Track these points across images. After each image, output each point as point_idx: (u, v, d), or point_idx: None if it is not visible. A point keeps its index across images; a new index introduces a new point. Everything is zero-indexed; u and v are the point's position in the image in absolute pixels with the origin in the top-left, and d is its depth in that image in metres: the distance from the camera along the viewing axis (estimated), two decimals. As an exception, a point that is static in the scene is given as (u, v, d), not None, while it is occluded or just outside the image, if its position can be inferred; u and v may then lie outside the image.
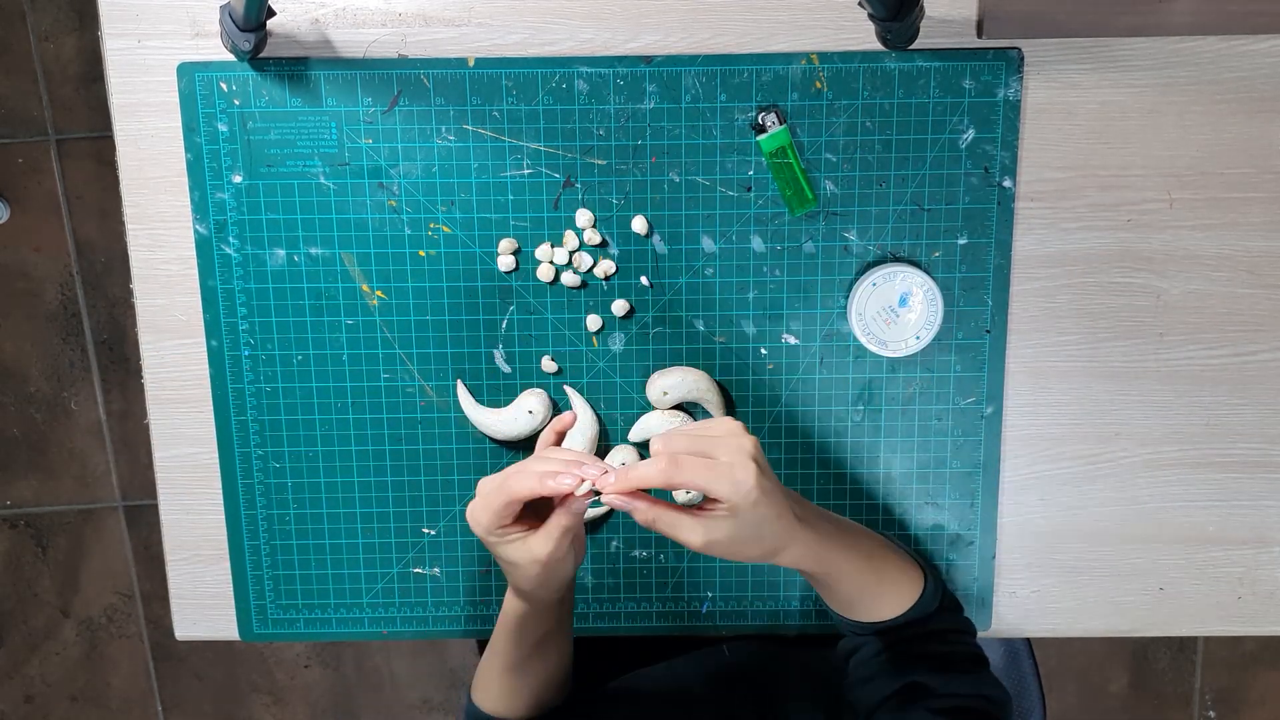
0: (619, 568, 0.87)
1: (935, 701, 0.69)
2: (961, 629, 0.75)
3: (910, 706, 0.69)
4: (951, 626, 0.75)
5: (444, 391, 0.84)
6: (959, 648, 0.74)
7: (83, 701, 1.86)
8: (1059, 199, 0.81)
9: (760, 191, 0.81)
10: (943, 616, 0.75)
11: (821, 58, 0.79)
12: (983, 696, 0.70)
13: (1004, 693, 0.72)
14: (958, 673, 0.71)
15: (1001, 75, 0.79)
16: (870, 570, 0.72)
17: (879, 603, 0.73)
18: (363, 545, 0.87)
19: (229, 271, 0.82)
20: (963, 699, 0.69)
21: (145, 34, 0.79)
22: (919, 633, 0.73)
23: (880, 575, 0.73)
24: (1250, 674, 1.82)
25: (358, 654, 1.83)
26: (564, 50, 0.79)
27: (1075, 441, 0.85)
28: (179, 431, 0.86)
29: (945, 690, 0.69)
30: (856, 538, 0.73)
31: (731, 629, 0.88)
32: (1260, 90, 0.80)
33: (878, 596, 0.73)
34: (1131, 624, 0.89)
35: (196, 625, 0.89)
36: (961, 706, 0.69)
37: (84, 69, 1.69)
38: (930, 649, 0.73)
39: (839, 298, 0.82)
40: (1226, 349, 0.84)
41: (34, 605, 1.82)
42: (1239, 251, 0.82)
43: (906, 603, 0.73)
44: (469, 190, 0.81)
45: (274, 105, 0.80)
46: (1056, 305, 0.83)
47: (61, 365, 1.75)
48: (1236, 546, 0.87)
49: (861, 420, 0.84)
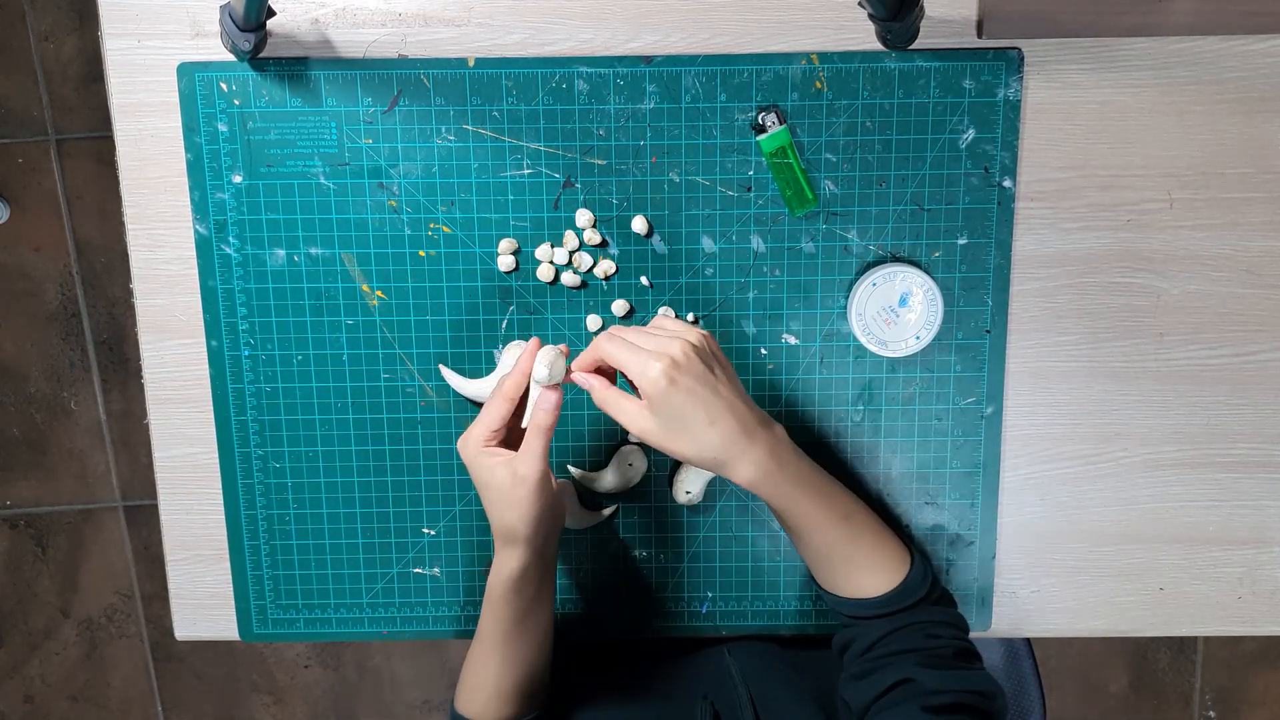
0: (619, 568, 0.87)
1: (927, 699, 0.69)
2: (953, 623, 0.75)
3: (902, 704, 0.69)
4: (943, 620, 0.75)
5: (444, 391, 0.84)
6: (950, 643, 0.74)
7: (83, 701, 1.86)
8: (1059, 199, 0.81)
9: (760, 191, 0.81)
10: (933, 609, 0.75)
11: (821, 58, 0.79)
12: (975, 692, 0.70)
13: (996, 686, 0.72)
14: (949, 668, 0.71)
15: (1001, 75, 0.79)
16: (846, 530, 0.74)
17: (857, 573, 0.74)
18: (363, 545, 0.87)
19: (229, 271, 0.82)
20: (954, 695, 0.69)
21: (145, 34, 0.79)
22: (908, 624, 0.73)
23: (857, 540, 0.74)
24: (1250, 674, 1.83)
25: (358, 654, 1.83)
26: (564, 50, 0.79)
27: (1075, 441, 0.85)
28: (179, 431, 0.86)
29: (937, 687, 0.69)
30: (836, 493, 0.75)
31: (731, 629, 0.88)
32: (1260, 90, 0.80)
33: (855, 565, 0.74)
34: (1131, 624, 0.89)
35: (196, 625, 0.89)
36: (954, 703, 0.69)
37: (84, 69, 1.69)
38: (921, 644, 0.73)
39: (839, 298, 0.82)
40: (1226, 349, 0.84)
41: (34, 605, 1.82)
42: (1239, 251, 0.82)
43: (890, 581, 0.74)
44: (469, 190, 0.81)
45: (274, 105, 0.80)
46: (1056, 305, 0.83)
47: (61, 365, 1.75)
48: (1237, 546, 0.87)
49: (861, 420, 0.84)
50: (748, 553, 0.86)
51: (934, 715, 0.68)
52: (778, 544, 0.86)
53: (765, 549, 0.86)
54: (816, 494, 0.73)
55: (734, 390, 0.69)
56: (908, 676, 0.70)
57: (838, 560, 0.75)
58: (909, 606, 0.74)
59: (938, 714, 0.68)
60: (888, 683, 0.71)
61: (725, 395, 0.68)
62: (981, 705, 0.70)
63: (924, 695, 0.69)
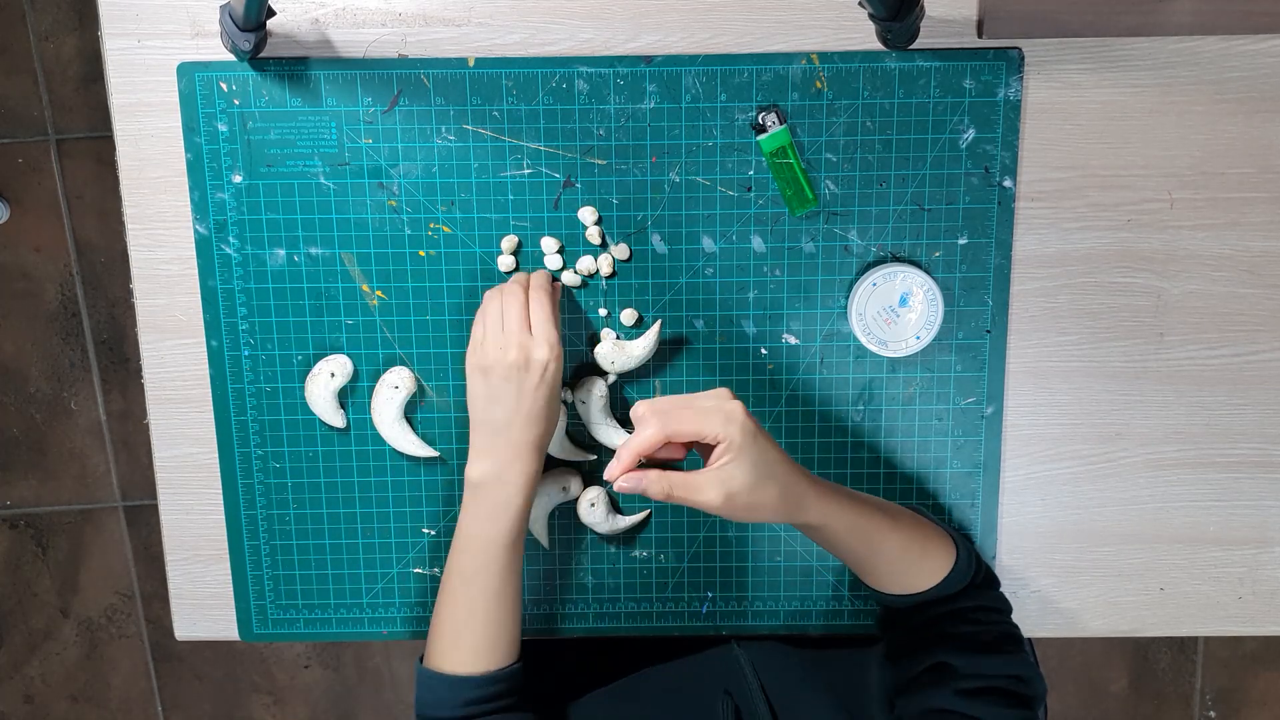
0: (619, 568, 0.87)
1: (962, 683, 0.68)
2: (995, 606, 0.75)
3: (935, 688, 0.69)
4: (984, 604, 0.74)
5: (444, 391, 0.84)
6: (991, 626, 0.73)
7: (83, 701, 1.86)
8: (1059, 199, 0.81)
9: (760, 191, 0.81)
10: (975, 593, 0.74)
11: (821, 58, 0.79)
12: (1013, 677, 0.69)
13: (1034, 671, 0.71)
14: (988, 652, 0.70)
15: (1002, 75, 0.79)
16: (900, 535, 0.72)
17: (913, 570, 0.73)
18: (363, 545, 0.87)
19: (229, 271, 0.82)
20: (990, 679, 0.68)
21: (145, 34, 0.79)
22: (952, 610, 0.73)
23: (909, 540, 0.73)
24: (1251, 674, 1.82)
25: (358, 654, 1.83)
26: (564, 50, 0.79)
27: (1076, 441, 0.85)
28: (179, 431, 0.86)
29: (973, 671, 0.69)
30: (877, 502, 0.73)
31: (731, 629, 0.88)
32: (1260, 90, 0.80)
33: (910, 563, 0.73)
34: (1132, 624, 0.89)
35: (196, 625, 0.89)
36: (989, 687, 0.68)
37: (84, 69, 1.69)
38: (961, 629, 0.72)
39: (839, 298, 0.82)
40: (1227, 349, 0.84)
41: (34, 605, 1.82)
42: (1239, 251, 0.82)
43: (941, 572, 0.73)
44: (469, 190, 0.81)
45: (274, 105, 0.80)
46: (1057, 305, 0.83)
47: (61, 365, 1.75)
48: (1237, 546, 0.87)
49: (862, 420, 0.84)
50: (748, 553, 0.86)
51: (967, 698, 0.67)
52: (778, 544, 0.86)
53: (765, 549, 0.86)
54: (867, 507, 0.71)
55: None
56: (944, 661, 0.70)
57: (898, 567, 0.73)
58: (955, 594, 0.74)
59: (971, 697, 0.67)
60: (927, 664, 0.70)
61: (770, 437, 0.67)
62: (1018, 690, 0.69)
63: (959, 679, 0.68)
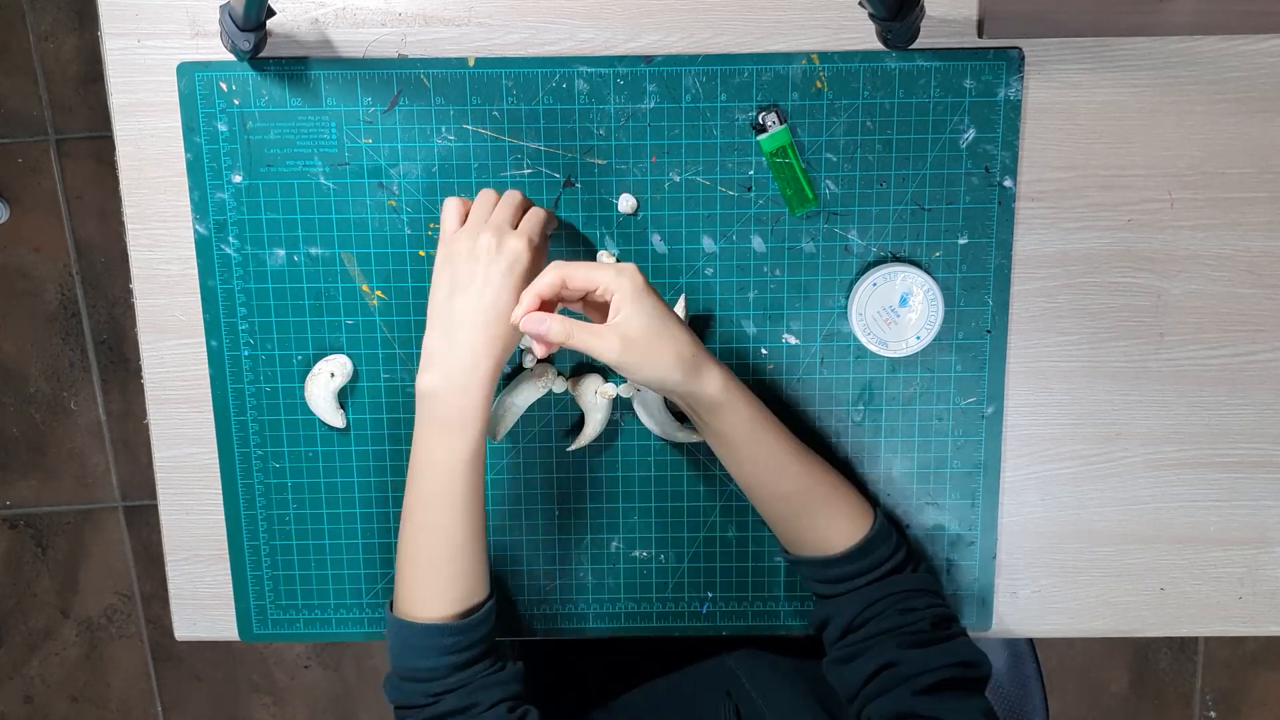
0: (619, 568, 0.87)
1: (914, 681, 0.68)
2: (926, 589, 0.75)
3: (891, 691, 0.69)
4: (915, 588, 0.74)
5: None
6: (927, 613, 0.73)
7: (83, 702, 1.86)
8: (1059, 199, 0.81)
9: (760, 191, 0.81)
10: (903, 578, 0.75)
11: (822, 57, 0.79)
12: (959, 664, 0.70)
13: (978, 654, 0.71)
14: (930, 644, 0.71)
15: (1002, 75, 0.79)
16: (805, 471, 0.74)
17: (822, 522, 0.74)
18: (363, 545, 0.87)
19: (229, 271, 0.82)
20: (939, 672, 0.69)
21: (145, 34, 0.79)
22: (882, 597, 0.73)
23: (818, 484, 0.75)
24: (1251, 674, 1.82)
25: (358, 654, 1.83)
26: (564, 50, 0.79)
27: (1076, 441, 0.85)
28: (179, 431, 0.85)
29: (920, 668, 0.69)
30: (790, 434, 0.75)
31: (731, 629, 0.88)
32: (1260, 90, 0.80)
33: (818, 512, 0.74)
34: (1132, 624, 0.89)
35: (196, 625, 0.89)
36: (941, 680, 0.68)
37: (84, 69, 1.69)
38: (898, 622, 0.72)
39: (839, 298, 0.82)
40: (1227, 349, 0.84)
41: (34, 605, 1.82)
42: (1240, 251, 0.82)
43: (855, 533, 0.74)
44: (469, 190, 0.81)
45: (274, 105, 0.80)
46: (1057, 305, 0.83)
47: (61, 365, 1.75)
48: (1237, 546, 0.87)
49: (862, 420, 0.84)
50: (748, 553, 0.86)
51: (926, 696, 0.67)
52: (778, 544, 0.86)
53: (765, 549, 0.86)
54: (775, 428, 0.73)
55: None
56: (890, 661, 0.70)
57: (800, 507, 0.74)
58: (880, 576, 0.74)
59: (929, 694, 0.68)
60: (871, 668, 0.70)
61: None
62: (968, 675, 0.70)
63: (910, 678, 0.69)
